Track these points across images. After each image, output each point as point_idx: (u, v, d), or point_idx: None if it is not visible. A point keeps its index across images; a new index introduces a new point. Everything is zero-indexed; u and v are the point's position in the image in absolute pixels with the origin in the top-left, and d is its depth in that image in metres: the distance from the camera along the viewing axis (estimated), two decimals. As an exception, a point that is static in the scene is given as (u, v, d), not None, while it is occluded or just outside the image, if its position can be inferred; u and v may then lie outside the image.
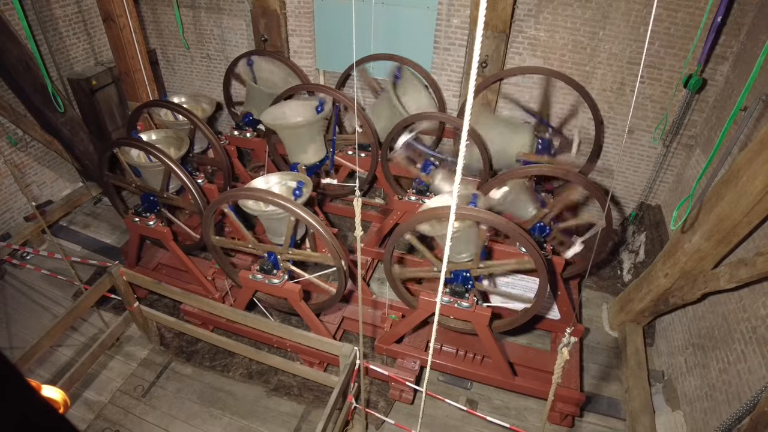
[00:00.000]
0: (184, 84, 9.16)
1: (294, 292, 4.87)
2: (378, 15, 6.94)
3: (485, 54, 6.55)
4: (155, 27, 8.53)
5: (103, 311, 6.21)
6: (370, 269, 6.71)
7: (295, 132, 5.90)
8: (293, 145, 6.06)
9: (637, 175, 7.26)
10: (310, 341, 4.61)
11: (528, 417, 5.35)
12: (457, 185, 1.87)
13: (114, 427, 5.08)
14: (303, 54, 7.72)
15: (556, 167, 4.96)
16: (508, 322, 4.90)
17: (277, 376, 5.60)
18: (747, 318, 4.37)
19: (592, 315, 6.54)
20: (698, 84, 5.66)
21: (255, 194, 4.56)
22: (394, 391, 5.22)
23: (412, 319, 4.91)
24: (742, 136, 4.91)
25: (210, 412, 5.28)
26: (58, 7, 7.25)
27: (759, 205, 4.16)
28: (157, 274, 6.35)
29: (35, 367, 5.52)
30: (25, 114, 6.99)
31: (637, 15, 6.06)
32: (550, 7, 6.34)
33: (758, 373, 4.00)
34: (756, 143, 4.09)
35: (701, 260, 4.88)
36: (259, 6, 7.24)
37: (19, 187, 7.05)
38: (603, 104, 6.79)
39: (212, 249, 5.20)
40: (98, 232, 7.82)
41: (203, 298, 5.12)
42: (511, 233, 4.03)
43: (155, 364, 5.78)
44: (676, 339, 5.63)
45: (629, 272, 6.84)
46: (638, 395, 5.13)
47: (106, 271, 5.10)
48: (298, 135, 5.94)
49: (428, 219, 4.28)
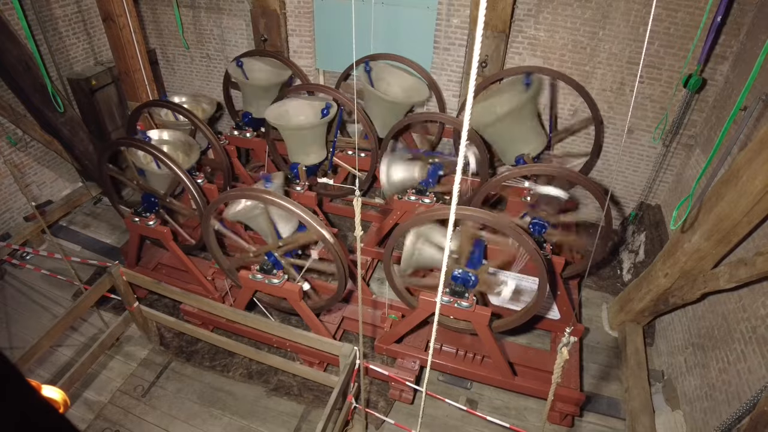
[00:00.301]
0: (183, 84, 9.16)
1: (294, 292, 4.87)
2: (378, 15, 6.95)
3: (485, 54, 6.55)
4: (155, 27, 8.52)
5: (103, 311, 6.21)
6: (370, 269, 6.71)
7: (298, 133, 5.91)
8: (295, 145, 6.07)
9: (636, 174, 7.26)
10: (310, 341, 4.61)
11: (528, 417, 5.35)
12: (457, 185, 1.87)
13: (114, 427, 5.08)
14: (303, 54, 7.72)
15: (554, 167, 4.96)
16: (508, 321, 4.89)
17: (277, 376, 5.60)
18: (747, 318, 4.37)
19: (592, 315, 6.54)
20: (698, 84, 5.66)
21: (253, 195, 4.56)
22: (393, 390, 5.22)
23: (411, 319, 4.91)
24: (742, 136, 4.91)
25: (210, 412, 5.28)
26: (58, 6, 7.25)
27: (759, 204, 4.16)
28: (157, 274, 6.35)
29: (35, 367, 5.52)
30: (24, 114, 6.99)
31: (637, 15, 6.06)
32: (550, 7, 6.34)
33: (758, 372, 4.00)
34: (756, 143, 4.09)
35: (701, 260, 4.88)
36: (259, 6, 7.24)
37: (18, 187, 7.05)
38: (603, 104, 6.79)
39: (211, 250, 5.20)
40: (98, 232, 7.82)
41: (203, 298, 5.12)
42: (510, 232, 4.03)
43: (155, 364, 5.78)
44: (676, 339, 5.63)
45: (629, 272, 6.84)
46: (638, 395, 5.13)
47: (106, 271, 5.10)
48: (301, 136, 5.95)
49: (428, 219, 4.29)
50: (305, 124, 5.82)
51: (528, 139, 5.97)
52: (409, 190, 6.09)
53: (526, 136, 5.96)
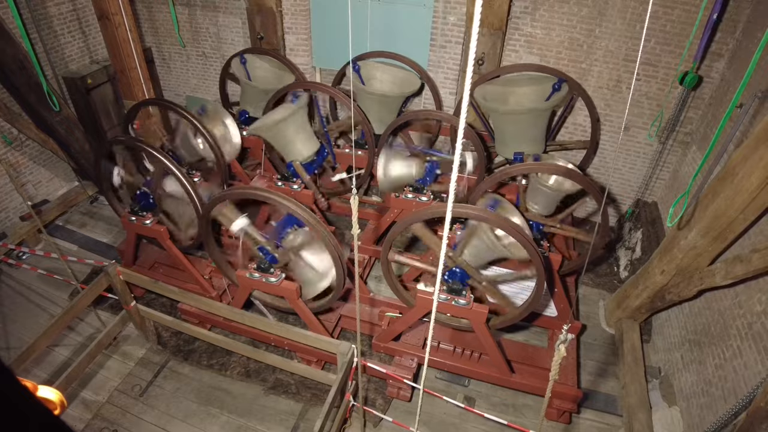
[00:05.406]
0: (180, 82, 9.13)
1: (292, 291, 4.87)
2: (374, 12, 6.93)
3: (482, 51, 6.55)
4: (150, 25, 8.49)
5: (100, 310, 6.20)
6: (368, 267, 6.71)
7: (275, 130, 5.87)
8: (280, 144, 6.04)
9: (633, 172, 7.27)
10: (307, 339, 4.61)
11: (525, 414, 5.37)
12: (454, 183, 1.87)
13: (112, 427, 5.07)
14: (299, 52, 7.70)
15: (553, 165, 4.96)
16: (505, 319, 4.90)
17: (275, 374, 5.60)
18: (743, 314, 4.39)
19: (589, 312, 6.56)
20: (694, 81, 5.67)
21: (250, 193, 4.55)
22: (391, 388, 5.22)
23: (409, 317, 4.92)
24: (738, 133, 4.93)
25: (208, 410, 5.28)
26: (53, 5, 7.20)
27: (755, 201, 4.18)
28: (154, 273, 6.33)
29: (32, 367, 5.50)
30: (20, 113, 6.96)
31: (633, 12, 6.07)
32: (547, 4, 6.34)
33: (754, 368, 4.02)
34: (751, 140, 4.10)
35: (697, 257, 4.90)
36: (255, 3, 7.22)
37: (14, 187, 7.01)
38: (599, 101, 6.80)
39: (211, 252, 5.19)
40: (94, 231, 7.80)
41: (200, 296, 5.10)
42: (509, 231, 4.04)
43: (153, 363, 5.77)
44: (673, 335, 5.66)
45: (626, 269, 6.86)
46: (635, 391, 5.16)
47: (103, 270, 5.09)
48: (280, 132, 5.89)
49: (427, 217, 4.29)
50: (277, 119, 5.76)
51: (534, 139, 6.08)
52: (405, 187, 6.09)
53: (533, 136, 6.04)
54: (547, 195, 5.22)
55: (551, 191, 5.17)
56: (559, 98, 5.86)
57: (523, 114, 5.83)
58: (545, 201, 5.29)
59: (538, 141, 6.17)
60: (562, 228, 5.33)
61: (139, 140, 5.36)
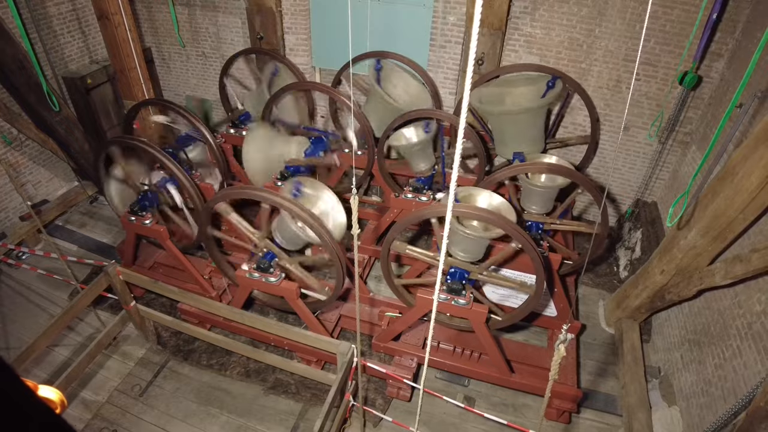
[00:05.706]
0: (179, 82, 9.12)
1: (291, 291, 4.87)
2: (374, 12, 6.93)
3: (481, 51, 6.55)
4: (150, 25, 8.48)
5: (100, 311, 6.19)
6: (367, 267, 6.72)
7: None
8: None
9: (633, 171, 7.28)
10: (307, 339, 4.61)
11: (525, 413, 5.37)
12: (454, 183, 1.87)
13: (111, 427, 5.07)
14: (299, 52, 7.70)
15: (552, 165, 4.97)
16: (505, 319, 4.90)
17: (275, 374, 5.60)
18: (742, 314, 4.40)
19: (589, 312, 6.56)
20: (694, 81, 5.68)
21: (250, 193, 4.55)
22: (391, 388, 5.23)
23: (409, 317, 4.92)
24: (738, 133, 4.93)
25: (207, 410, 5.28)
26: (53, 5, 7.20)
27: (754, 201, 4.18)
28: (154, 272, 6.33)
29: (32, 367, 5.50)
30: (20, 113, 6.95)
31: (633, 12, 6.07)
32: (546, 4, 6.34)
33: (754, 368, 4.03)
34: (751, 140, 4.11)
35: (697, 257, 4.91)
36: (255, 3, 7.21)
37: (14, 187, 7.01)
38: (599, 101, 6.80)
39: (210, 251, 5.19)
40: (94, 231, 7.80)
41: (200, 296, 5.11)
42: (508, 231, 4.04)
43: (152, 363, 5.77)
44: (673, 335, 5.66)
45: (626, 269, 6.87)
46: (635, 391, 5.16)
47: (103, 270, 5.09)
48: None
49: (427, 217, 4.29)
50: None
51: (533, 139, 6.09)
52: (406, 187, 6.11)
53: (531, 136, 6.06)
54: (541, 194, 5.23)
55: (544, 189, 5.17)
56: (554, 95, 5.83)
57: (520, 114, 5.82)
58: (541, 200, 5.29)
59: (537, 140, 6.16)
60: (563, 223, 5.33)
61: (140, 140, 5.36)
